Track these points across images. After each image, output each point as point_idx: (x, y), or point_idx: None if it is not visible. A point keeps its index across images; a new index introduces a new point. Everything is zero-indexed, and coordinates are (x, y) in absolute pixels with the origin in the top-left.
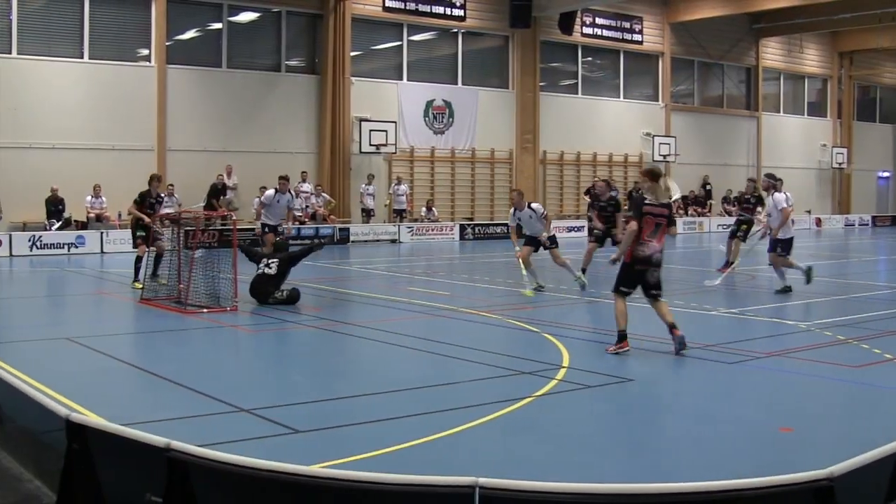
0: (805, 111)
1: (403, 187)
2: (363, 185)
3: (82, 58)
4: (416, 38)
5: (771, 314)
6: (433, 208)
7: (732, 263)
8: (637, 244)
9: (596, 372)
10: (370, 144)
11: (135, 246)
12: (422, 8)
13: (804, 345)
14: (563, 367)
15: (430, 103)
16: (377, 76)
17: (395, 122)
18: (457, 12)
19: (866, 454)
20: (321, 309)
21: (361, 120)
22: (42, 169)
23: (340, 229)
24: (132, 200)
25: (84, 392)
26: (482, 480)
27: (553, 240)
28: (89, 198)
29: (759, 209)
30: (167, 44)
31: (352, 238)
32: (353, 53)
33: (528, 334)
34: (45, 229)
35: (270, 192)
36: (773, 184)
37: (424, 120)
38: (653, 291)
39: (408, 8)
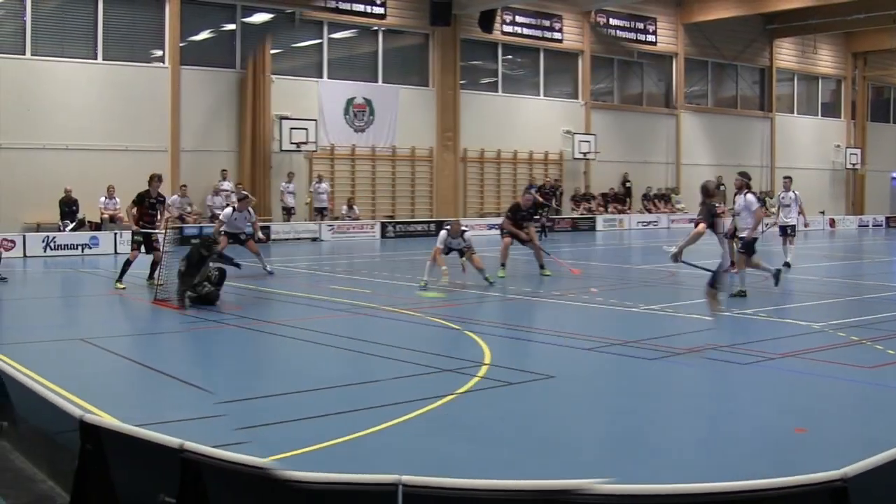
0: (819, 112)
1: (324, 185)
2: (283, 184)
3: (96, 59)
4: (336, 35)
5: (784, 315)
6: (354, 206)
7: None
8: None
9: (518, 369)
10: (290, 142)
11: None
12: (342, 6)
13: (818, 346)
14: (485, 364)
15: (350, 101)
16: (297, 74)
17: (315, 120)
18: (377, 10)
19: (880, 455)
20: (242, 307)
21: (282, 118)
22: (56, 170)
23: (261, 227)
24: (130, 201)
25: (98, 393)
26: (405, 478)
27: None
28: (103, 199)
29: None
30: (181, 45)
31: (272, 236)
32: (273, 51)
33: (449, 332)
34: (59, 230)
35: (228, 210)
36: (746, 183)
37: (345, 118)
38: None
39: (328, 6)
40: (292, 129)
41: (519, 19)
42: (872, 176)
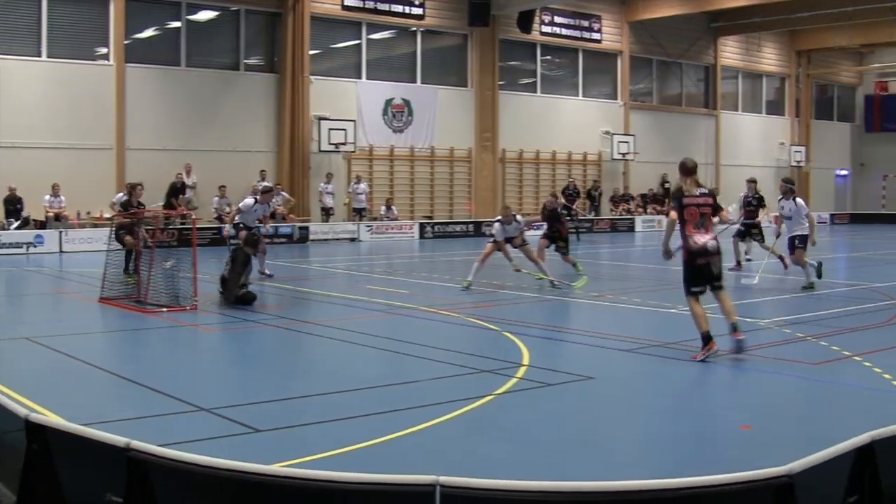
0: (763, 109)
1: (363, 186)
2: (322, 184)
3: (40, 56)
4: (375, 36)
5: None
6: (392, 207)
7: (739, 264)
8: (687, 239)
9: (556, 370)
10: (329, 143)
11: (122, 244)
12: (381, 6)
13: (763, 342)
14: (524, 365)
15: (389, 102)
16: (336, 75)
17: (354, 121)
18: (416, 11)
19: (826, 451)
20: (281, 308)
21: (320, 119)
22: (0, 168)
23: (300, 228)
24: (115, 210)
25: (43, 392)
26: (443, 479)
27: (524, 239)
28: (48, 197)
29: (762, 209)
30: (126, 42)
31: (311, 237)
32: (311, 52)
33: (487, 332)
34: (4, 229)
35: (249, 200)
36: (790, 188)
37: (383, 118)
38: (715, 283)
39: (367, 6)
40: (331, 129)
41: (557, 20)
42: (817, 173)
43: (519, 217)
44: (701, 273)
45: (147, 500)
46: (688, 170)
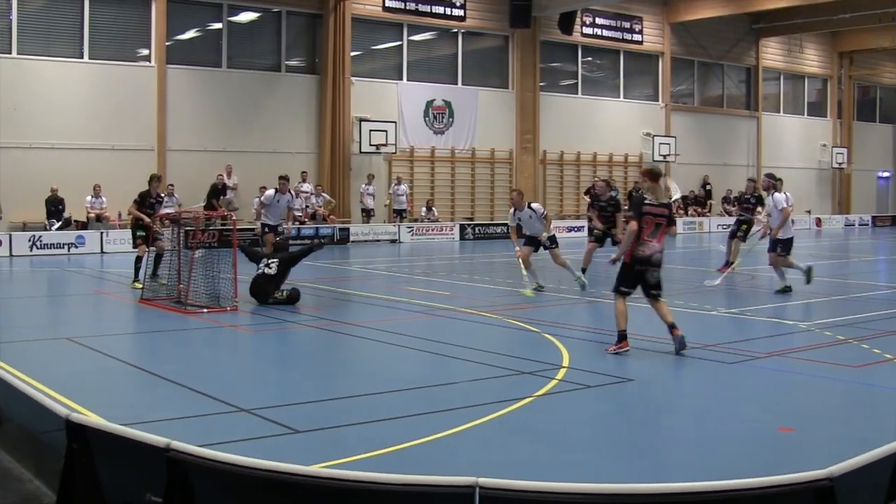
0: (805, 111)
1: (403, 187)
2: (363, 185)
3: (82, 58)
4: (416, 38)
5: (771, 314)
6: (433, 208)
7: (732, 263)
8: (637, 244)
9: (596, 372)
10: (370, 144)
11: (135, 246)
12: (422, 8)
13: (804, 345)
14: (563, 367)
15: (430, 103)
16: (377, 76)
17: (395, 122)
18: (457, 12)
19: (866, 454)
20: (321, 309)
21: (361, 120)
22: (42, 169)
23: (340, 229)
24: (132, 200)
25: (84, 392)
26: (482, 480)
27: (553, 240)
28: (89, 198)
29: (760, 209)
30: (167, 44)
31: (352, 238)
32: (353, 53)
33: (527, 334)
34: (45, 229)
35: (270, 192)
36: (773, 184)
37: (424, 120)
38: (653, 291)
39: (408, 8)
40: (372, 130)
41: (599, 21)
42: (858, 175)
43: (535, 206)
44: (635, 278)
45: (186, 500)
46: (654, 176)
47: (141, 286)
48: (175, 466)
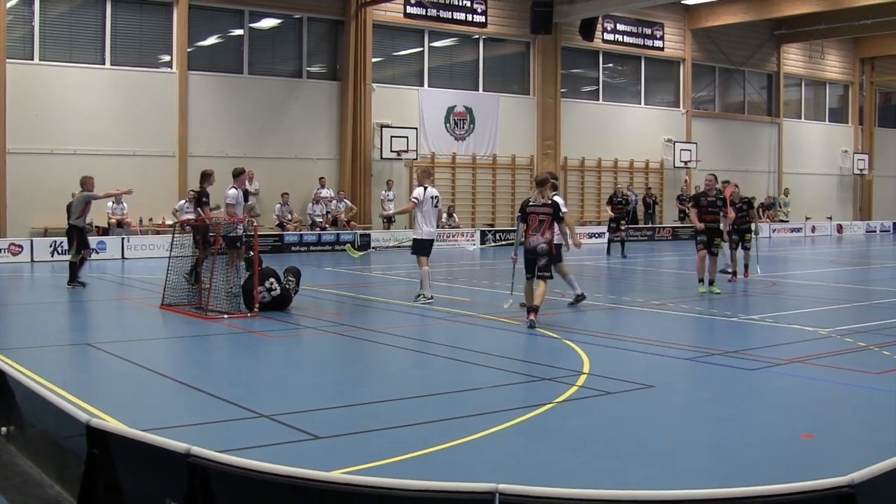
0: (826, 117)
1: None
2: (383, 192)
3: (104, 64)
4: (437, 44)
5: (791, 320)
6: (454, 214)
7: (748, 267)
8: (526, 238)
9: (617, 378)
10: (391, 151)
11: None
12: (443, 14)
13: (825, 351)
14: (584, 373)
15: (451, 109)
16: (398, 82)
17: (416, 129)
18: (478, 18)
19: (888, 461)
20: (341, 315)
21: (382, 126)
22: (64, 175)
23: (361, 235)
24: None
25: (105, 397)
26: (502, 487)
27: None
28: (110, 203)
29: (751, 212)
30: (188, 50)
31: (372, 244)
32: (374, 60)
33: (548, 340)
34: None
35: (233, 192)
36: (553, 183)
37: (445, 126)
38: (539, 273)
39: (429, 14)
40: (393, 137)
41: (620, 27)
42: (880, 181)
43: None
44: (530, 263)
45: None
46: (537, 183)
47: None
48: (195, 472)
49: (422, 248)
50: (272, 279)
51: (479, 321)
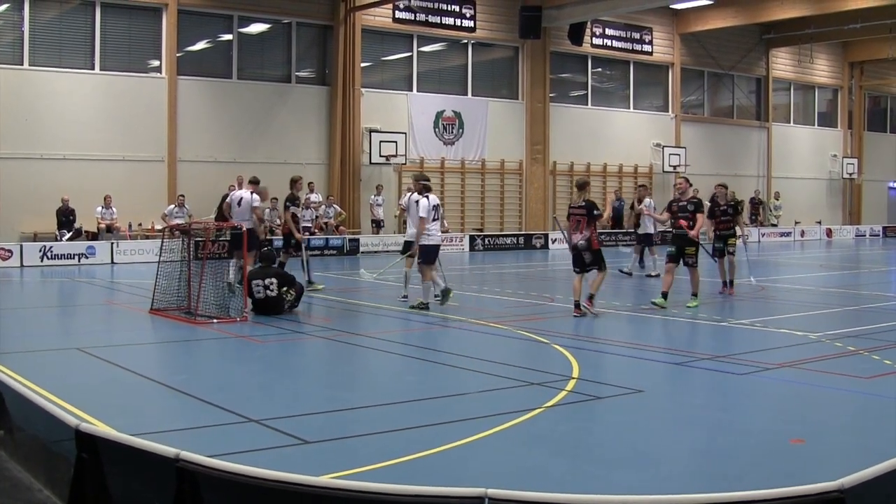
0: (815, 121)
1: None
2: (372, 196)
3: (93, 69)
4: (426, 49)
5: (780, 325)
6: (444, 220)
7: (733, 282)
8: (570, 236)
9: (606, 383)
10: (380, 155)
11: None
12: (432, 19)
13: (814, 356)
14: (573, 377)
15: (440, 114)
16: (387, 87)
17: (405, 133)
18: (467, 23)
19: (878, 466)
20: (331, 319)
21: (371, 131)
22: (53, 179)
23: (350, 240)
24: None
25: (94, 402)
26: (491, 492)
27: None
28: (100, 208)
29: (740, 217)
30: (178, 55)
31: (361, 249)
32: (363, 64)
33: (537, 345)
34: (56, 240)
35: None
36: (424, 185)
37: (434, 131)
38: (588, 268)
39: (418, 19)
40: (382, 141)
41: (609, 32)
42: (869, 185)
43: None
44: (577, 259)
45: None
46: (578, 187)
47: (321, 286)
48: (184, 477)
49: (428, 255)
50: (274, 279)
51: (468, 326)
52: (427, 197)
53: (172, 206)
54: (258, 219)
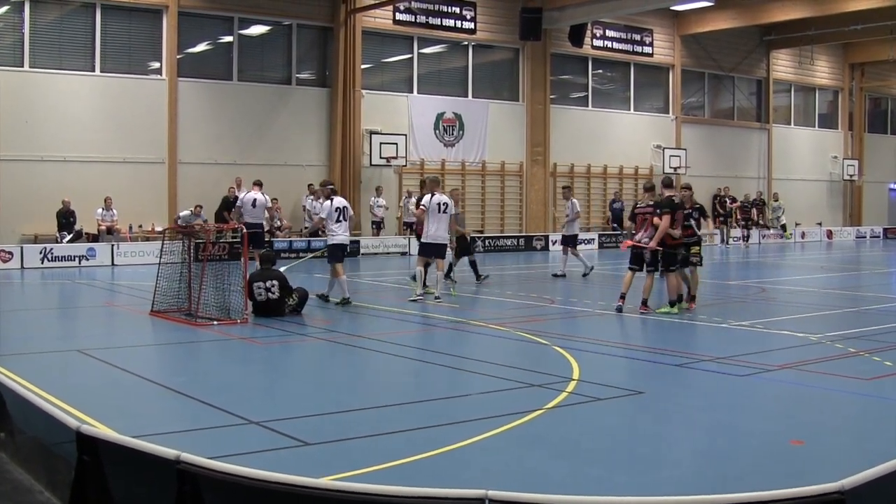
0: (816, 123)
1: (414, 200)
2: (373, 198)
3: (94, 71)
4: (426, 50)
5: (781, 326)
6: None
7: (694, 297)
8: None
9: (606, 384)
10: (380, 157)
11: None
12: (432, 21)
13: (815, 357)
14: (574, 379)
15: (440, 116)
16: (388, 89)
17: (405, 135)
18: (467, 25)
19: (878, 467)
20: (331, 321)
21: (372, 133)
22: (53, 181)
23: (351, 242)
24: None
25: (95, 404)
26: (492, 493)
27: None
28: (100, 210)
29: (703, 220)
30: (178, 57)
31: (362, 250)
32: (363, 66)
33: (537, 347)
34: (57, 241)
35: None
36: (331, 189)
37: (435, 132)
38: (647, 269)
39: (418, 21)
40: (382, 143)
41: (609, 33)
42: (870, 187)
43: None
44: (636, 257)
45: None
46: (645, 189)
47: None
48: (185, 479)
49: (428, 250)
50: (276, 282)
51: (469, 327)
52: (432, 194)
53: (187, 211)
54: (269, 218)
